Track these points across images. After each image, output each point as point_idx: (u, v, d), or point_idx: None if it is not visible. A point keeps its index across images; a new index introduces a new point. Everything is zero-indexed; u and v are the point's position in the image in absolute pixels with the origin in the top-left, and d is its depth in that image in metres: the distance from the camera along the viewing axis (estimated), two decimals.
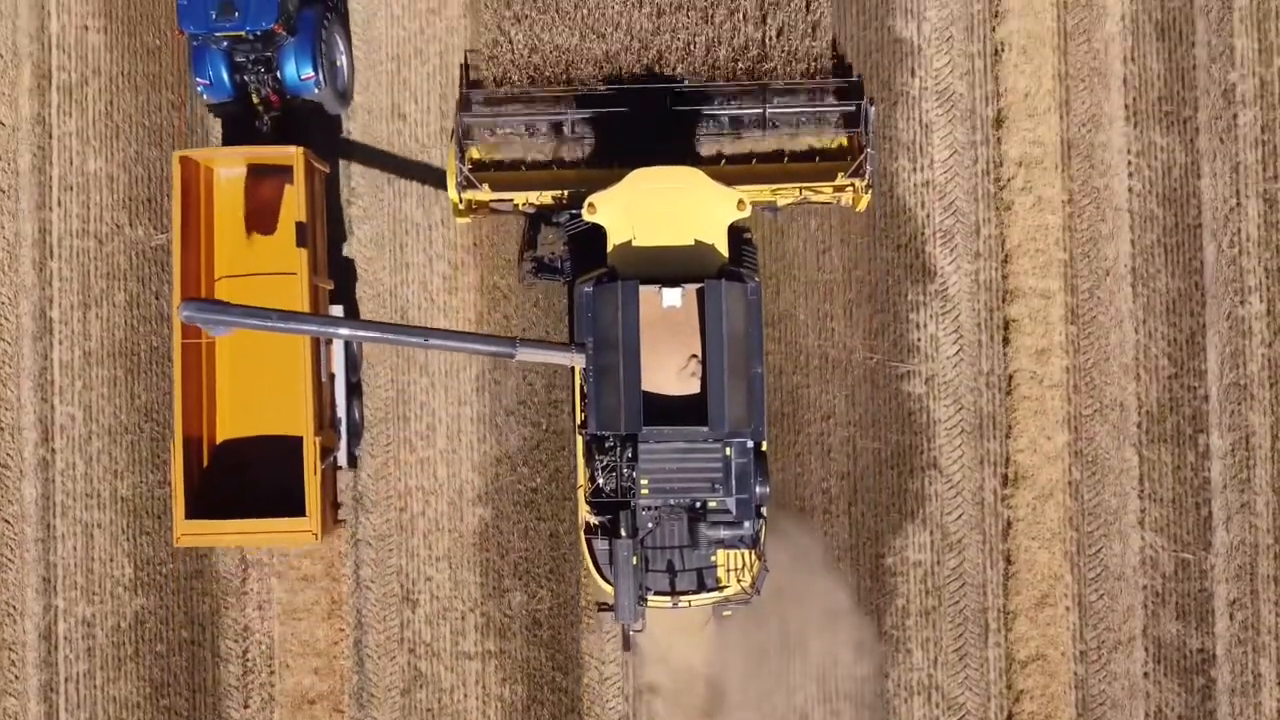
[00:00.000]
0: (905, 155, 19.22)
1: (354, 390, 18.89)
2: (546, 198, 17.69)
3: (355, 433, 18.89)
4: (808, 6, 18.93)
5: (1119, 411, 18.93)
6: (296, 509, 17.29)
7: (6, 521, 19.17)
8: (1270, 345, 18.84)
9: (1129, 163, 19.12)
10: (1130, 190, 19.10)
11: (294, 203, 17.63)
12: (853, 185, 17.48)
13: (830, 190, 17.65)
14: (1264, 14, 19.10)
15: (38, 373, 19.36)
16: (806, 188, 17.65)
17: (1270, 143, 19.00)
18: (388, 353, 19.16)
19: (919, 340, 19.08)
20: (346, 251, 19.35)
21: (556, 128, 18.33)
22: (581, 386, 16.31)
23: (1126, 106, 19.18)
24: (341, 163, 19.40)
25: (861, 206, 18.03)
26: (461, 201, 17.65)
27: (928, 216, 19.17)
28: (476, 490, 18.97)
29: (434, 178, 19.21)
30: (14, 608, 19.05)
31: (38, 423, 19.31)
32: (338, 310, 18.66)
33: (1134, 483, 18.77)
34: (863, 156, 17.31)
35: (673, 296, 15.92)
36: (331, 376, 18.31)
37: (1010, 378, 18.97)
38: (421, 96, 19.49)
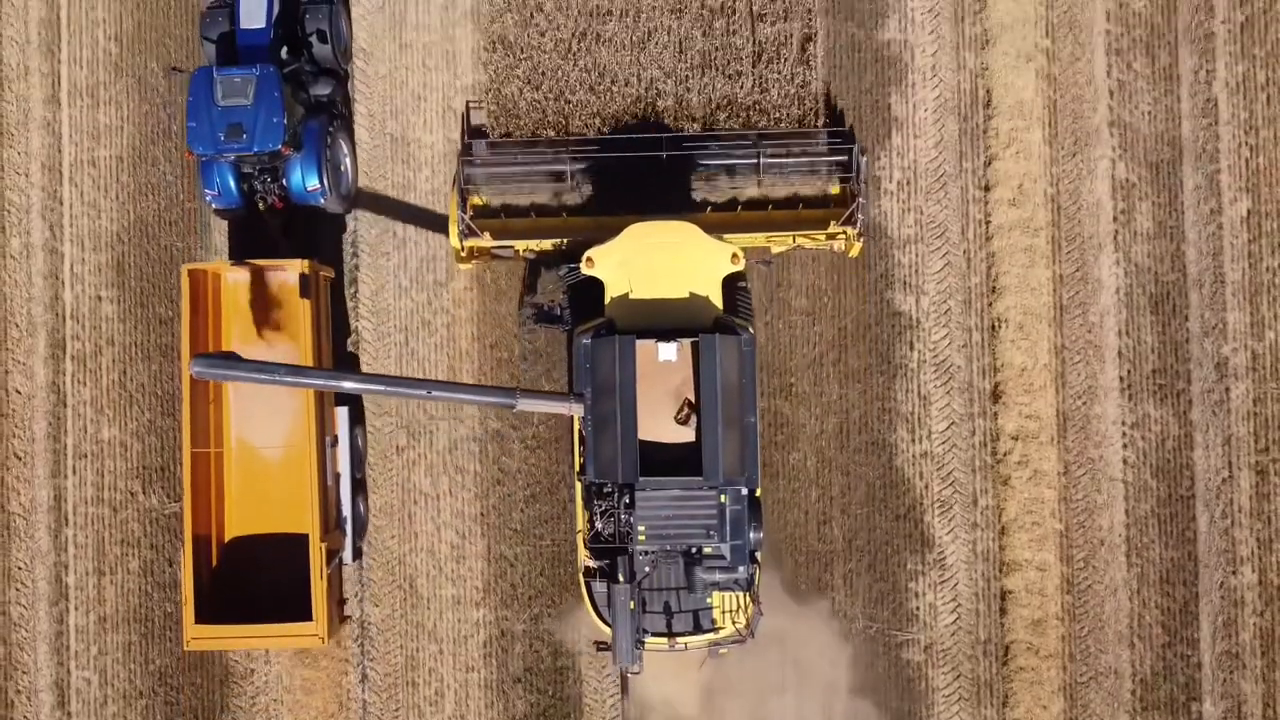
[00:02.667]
0: (904, 426, 19.59)
1: (359, 486, 19.41)
2: (547, 245, 18.35)
3: (360, 529, 19.42)
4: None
5: (1113, 679, 19.32)
6: (304, 606, 17.74)
7: None
8: (1262, 614, 19.22)
9: (1124, 434, 19.49)
10: (1125, 461, 19.47)
11: (299, 309, 18.13)
12: (845, 233, 18.06)
13: (824, 237, 18.29)
14: (1256, 288, 19.45)
15: (54, 637, 19.74)
16: (800, 235, 18.38)
17: (1262, 415, 19.37)
18: (397, 619, 19.52)
19: (917, 608, 19.46)
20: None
21: (557, 175, 18.93)
22: (580, 432, 16.81)
23: (1121, 379, 19.54)
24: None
25: (854, 253, 18.67)
26: (463, 249, 18.23)
27: (926, 487, 19.54)
28: None
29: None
30: None
31: (54, 686, 19.70)
32: (342, 412, 19.07)
33: None
34: (855, 205, 17.91)
35: (668, 351, 16.53)
36: (337, 476, 18.83)
37: (1007, 648, 19.36)
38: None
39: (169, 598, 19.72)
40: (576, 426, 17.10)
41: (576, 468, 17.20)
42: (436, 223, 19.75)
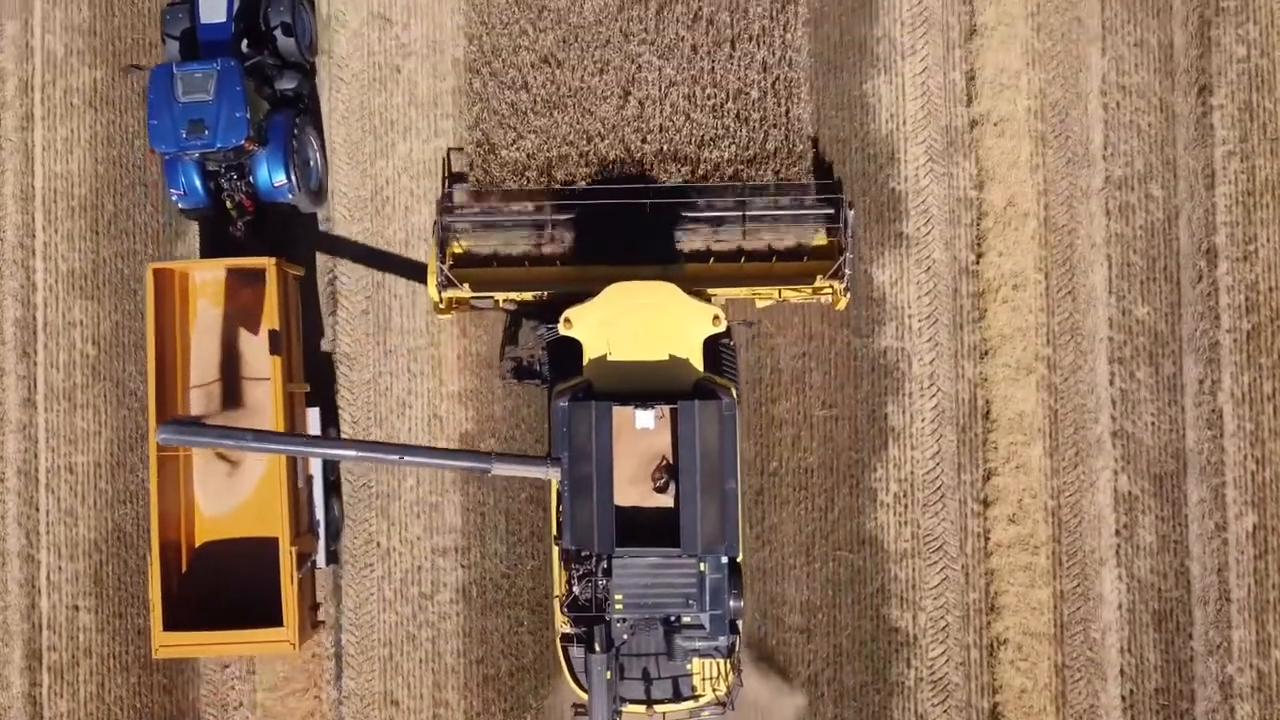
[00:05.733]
0: None
1: (332, 489, 19.07)
2: (527, 296, 17.96)
3: (334, 532, 19.08)
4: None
5: None
6: (276, 611, 17.44)
7: None
8: None
9: None
10: None
11: (268, 309, 17.79)
12: (832, 287, 17.73)
13: (809, 291, 17.91)
14: (1262, 606, 18.97)
15: None
16: (787, 289, 18.03)
17: None
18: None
19: None
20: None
21: (538, 226, 18.51)
22: (559, 494, 16.40)
23: (1123, 698, 19.07)
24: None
25: (841, 306, 18.26)
26: (441, 300, 17.83)
27: None
28: None
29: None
30: None
31: None
32: (314, 414, 18.75)
33: None
34: (841, 259, 17.54)
35: (646, 419, 16.04)
36: (309, 479, 18.53)
37: None
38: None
39: None
40: (555, 488, 16.64)
41: (554, 531, 16.76)
42: (424, 515, 19.38)
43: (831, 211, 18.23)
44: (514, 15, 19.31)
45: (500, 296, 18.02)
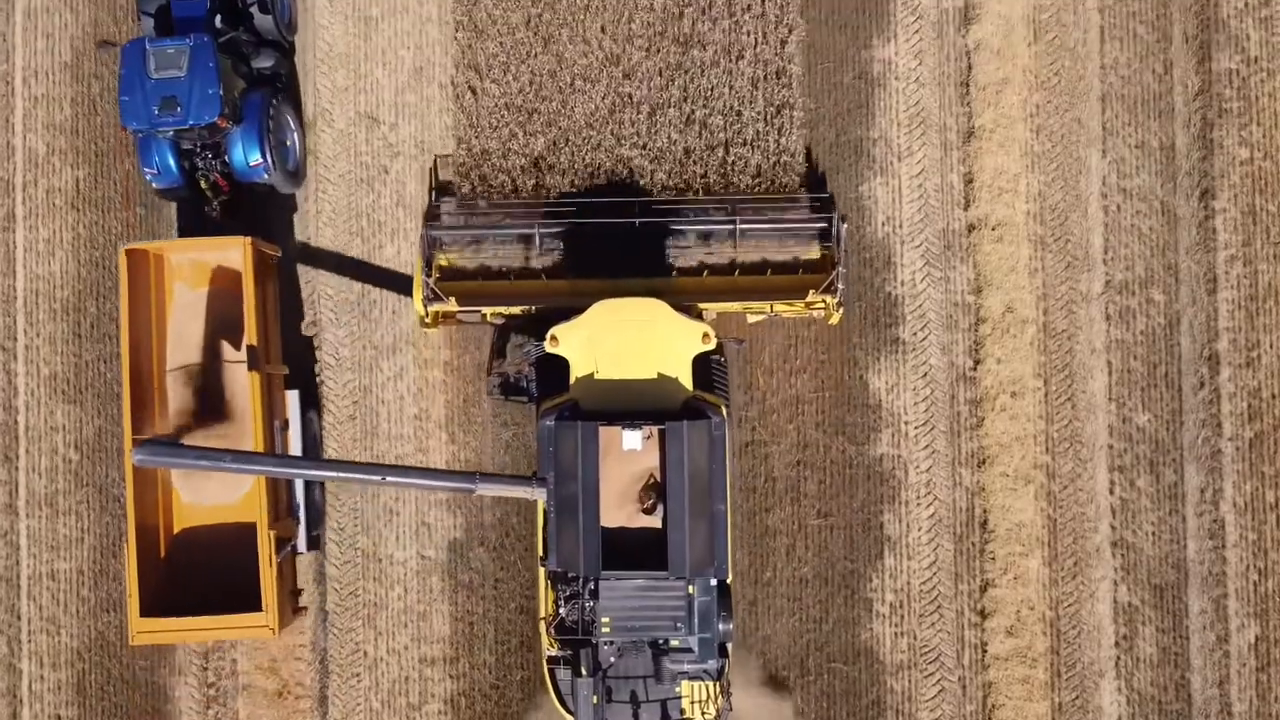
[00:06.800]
0: None
1: None
2: (515, 310, 17.66)
3: (316, 516, 18.79)
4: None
5: None
6: (257, 599, 17.20)
7: None
8: None
9: None
10: None
11: (246, 289, 17.47)
12: (824, 302, 17.44)
13: (802, 306, 17.63)
14: None
15: None
16: (779, 304, 17.72)
17: None
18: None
19: None
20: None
21: (525, 238, 18.20)
22: (545, 514, 16.11)
23: None
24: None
25: (834, 321, 17.97)
26: (427, 314, 17.52)
27: None
28: None
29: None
30: None
31: None
32: (293, 396, 18.46)
33: None
34: (834, 274, 17.23)
35: (633, 440, 15.71)
36: None
37: None
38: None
39: None
40: (541, 508, 16.33)
41: (540, 552, 16.45)
42: (411, 624, 19.07)
43: (824, 224, 17.98)
44: (504, 119, 18.95)
45: (488, 311, 17.70)
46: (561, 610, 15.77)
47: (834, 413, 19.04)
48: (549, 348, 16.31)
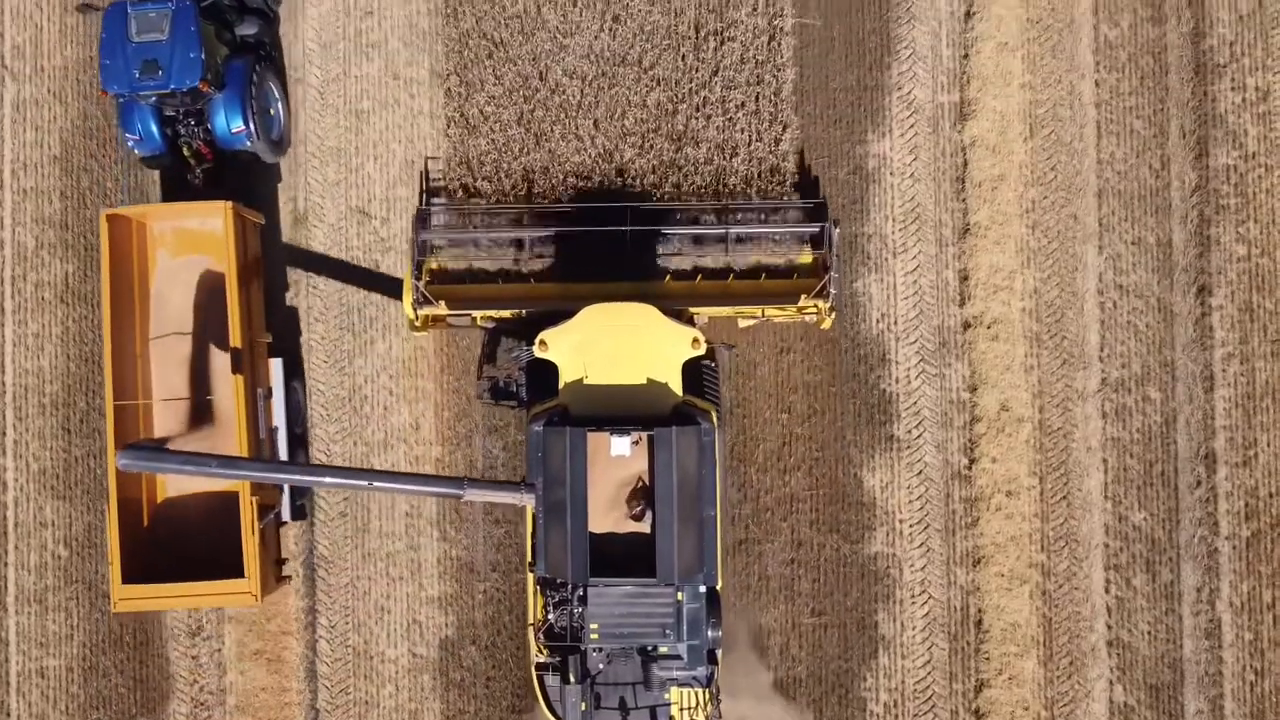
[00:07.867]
0: None
1: (298, 442, 18.70)
2: (505, 313, 17.59)
3: (301, 486, 18.67)
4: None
5: None
6: (241, 567, 17.12)
7: None
8: None
9: None
10: None
11: (228, 257, 17.41)
12: (816, 306, 17.42)
13: (794, 310, 17.59)
14: None
15: None
16: (770, 308, 17.69)
17: None
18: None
19: None
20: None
21: (517, 242, 18.17)
22: (534, 519, 16.02)
23: None
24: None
25: (826, 326, 17.94)
26: (417, 318, 17.45)
27: None
28: None
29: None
30: None
31: None
32: (276, 364, 18.37)
33: None
34: (826, 278, 17.22)
35: (621, 446, 15.70)
36: (273, 430, 18.12)
37: None
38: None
39: None
40: (530, 513, 16.24)
41: (528, 558, 16.40)
42: None
43: (816, 229, 17.97)
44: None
45: (478, 314, 17.61)
46: (550, 616, 15.75)
47: (828, 510, 18.92)
48: (538, 352, 16.22)
